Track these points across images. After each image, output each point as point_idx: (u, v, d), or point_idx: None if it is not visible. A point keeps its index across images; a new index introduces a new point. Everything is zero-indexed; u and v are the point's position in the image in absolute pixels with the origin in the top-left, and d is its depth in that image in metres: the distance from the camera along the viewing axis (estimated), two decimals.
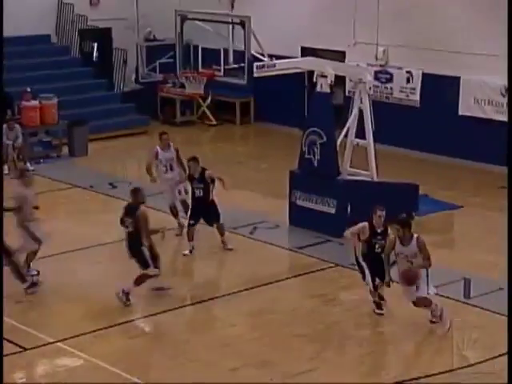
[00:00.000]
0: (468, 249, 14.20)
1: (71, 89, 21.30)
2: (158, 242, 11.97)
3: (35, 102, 19.77)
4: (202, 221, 13.72)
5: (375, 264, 11.43)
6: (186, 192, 14.28)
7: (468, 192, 16.70)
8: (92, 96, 21.83)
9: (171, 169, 14.49)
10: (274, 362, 10.29)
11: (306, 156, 14.75)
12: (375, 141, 15.28)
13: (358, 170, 15.58)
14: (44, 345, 10.64)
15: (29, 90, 19.77)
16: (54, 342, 10.72)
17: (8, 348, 10.47)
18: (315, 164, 14.65)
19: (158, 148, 14.60)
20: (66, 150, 19.92)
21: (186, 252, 13.72)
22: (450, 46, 18.43)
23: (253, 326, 11.41)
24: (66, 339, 10.76)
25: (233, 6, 22.61)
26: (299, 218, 14.81)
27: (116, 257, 13.78)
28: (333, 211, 14.48)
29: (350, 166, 15.53)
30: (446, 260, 13.34)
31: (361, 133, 15.34)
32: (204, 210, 13.68)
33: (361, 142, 15.38)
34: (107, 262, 13.61)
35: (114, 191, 16.93)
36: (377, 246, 11.45)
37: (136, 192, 11.98)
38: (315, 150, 14.61)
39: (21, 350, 10.53)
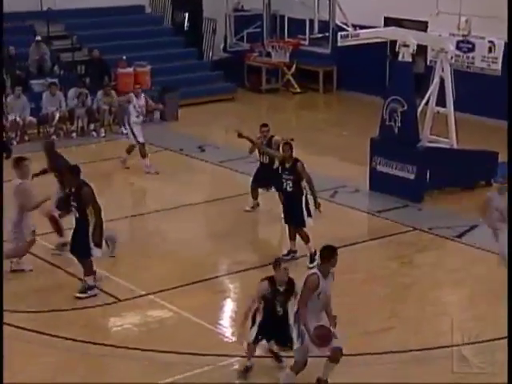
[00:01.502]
0: None
1: (163, 57, 21.45)
2: None
3: (130, 70, 20.02)
4: None
5: (275, 326, 8.92)
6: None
7: None
8: (183, 64, 21.95)
9: (142, 114, 16.12)
10: (353, 320, 10.24)
11: (387, 123, 14.58)
12: (456, 109, 15.01)
13: (438, 138, 15.33)
14: (136, 297, 10.85)
15: (124, 57, 20.03)
16: (145, 295, 10.91)
17: (104, 298, 10.74)
18: (396, 131, 14.48)
19: (133, 95, 16.22)
20: (158, 114, 20.11)
21: (248, 208, 13.76)
22: None
23: (333, 284, 11.36)
24: (156, 292, 10.95)
25: None
26: (379, 183, 14.68)
27: (203, 216, 13.98)
28: (412, 177, 14.31)
29: (431, 134, 15.29)
30: None
31: (441, 101, 15.07)
32: (266, 177, 13.37)
33: (441, 109, 15.11)
34: (194, 221, 13.77)
35: (202, 154, 17.07)
36: (278, 306, 8.88)
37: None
38: (396, 117, 14.43)
39: (115, 300, 10.76)
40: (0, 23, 16.66)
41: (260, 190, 13.82)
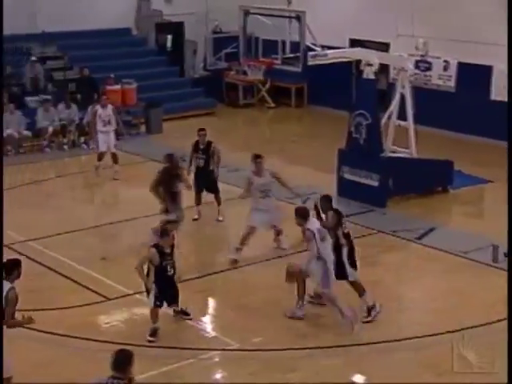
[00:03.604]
0: (496, 219, 13.91)
1: (148, 75, 21.38)
2: None
3: (117, 87, 19.91)
4: None
5: (167, 287, 9.64)
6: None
7: (497, 168, 16.33)
8: (166, 81, 21.90)
9: (109, 123, 16.11)
10: (324, 315, 10.25)
11: (354, 135, 14.62)
12: (415, 122, 15.10)
13: (399, 148, 15.41)
14: (124, 296, 10.77)
15: (112, 76, 19.92)
16: (132, 294, 10.83)
17: (93, 297, 10.65)
18: (361, 142, 14.51)
19: (99, 107, 16.23)
20: (143, 128, 20.07)
21: (196, 216, 13.58)
22: (483, 37, 18.03)
23: (307, 283, 11.34)
24: (142, 292, 10.85)
25: (290, 2, 22.41)
26: (346, 190, 14.70)
27: (186, 221, 13.86)
28: (376, 184, 14.35)
29: (392, 145, 15.37)
30: (476, 228, 13.18)
31: (402, 115, 15.15)
32: (204, 180, 13.44)
33: (402, 123, 15.20)
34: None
35: (184, 164, 16.95)
36: (168, 268, 9.56)
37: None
38: (361, 130, 14.47)
39: (104, 299, 10.67)
40: (0, 27, 16.11)
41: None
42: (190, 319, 9.96)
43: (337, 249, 9.97)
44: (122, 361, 6.43)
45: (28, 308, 9.59)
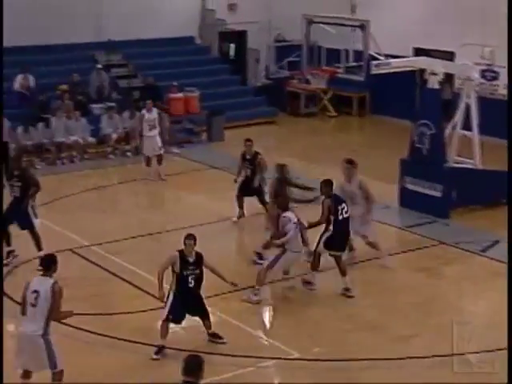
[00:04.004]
0: None
1: (211, 83, 21.59)
2: None
3: (180, 95, 20.17)
4: None
5: (188, 298, 9.43)
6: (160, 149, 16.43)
7: None
8: (228, 90, 22.07)
9: (154, 128, 16.23)
10: (382, 326, 10.21)
11: (417, 145, 14.51)
12: (480, 132, 14.89)
13: (463, 159, 15.22)
14: None
15: (175, 84, 20.18)
16: None
17: (155, 303, 10.78)
18: (424, 152, 14.40)
19: (144, 111, 16.45)
20: (205, 136, 20.26)
21: (234, 219, 13.75)
22: None
23: (366, 294, 11.32)
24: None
25: (354, 11, 22.38)
26: (408, 200, 14.60)
27: (244, 229, 13.97)
28: (439, 195, 14.21)
29: (457, 155, 15.19)
30: None
31: (467, 125, 14.96)
32: (250, 189, 13.62)
33: (467, 133, 15.01)
34: (236, 233, 13.78)
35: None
36: (189, 279, 9.36)
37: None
38: (425, 140, 14.36)
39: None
40: (0, 27, 15.81)
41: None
42: (224, 343, 9.62)
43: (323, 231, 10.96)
44: (194, 366, 6.45)
45: (90, 312, 9.86)
